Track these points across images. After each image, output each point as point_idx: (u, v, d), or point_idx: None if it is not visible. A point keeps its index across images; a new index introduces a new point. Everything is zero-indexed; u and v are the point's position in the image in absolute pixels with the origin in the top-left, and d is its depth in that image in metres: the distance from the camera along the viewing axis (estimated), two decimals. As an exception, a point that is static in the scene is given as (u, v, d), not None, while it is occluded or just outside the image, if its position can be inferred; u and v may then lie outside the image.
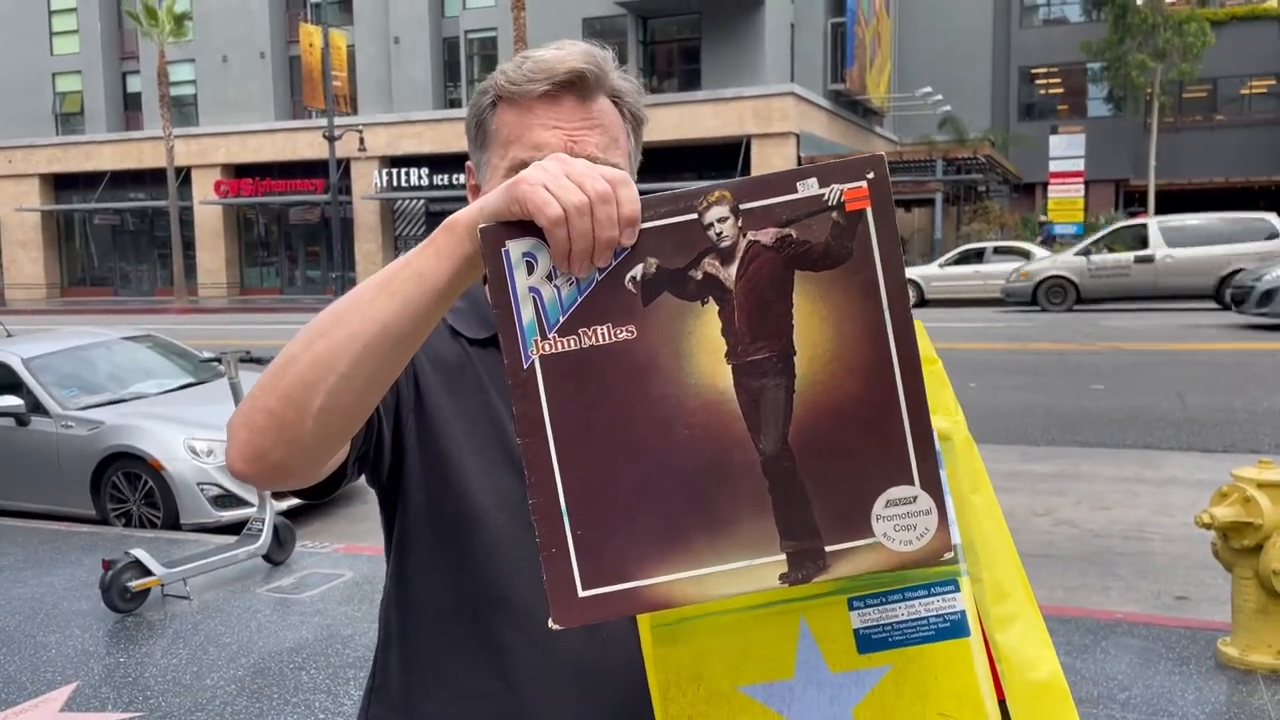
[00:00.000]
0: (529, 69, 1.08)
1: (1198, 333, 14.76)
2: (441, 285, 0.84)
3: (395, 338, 0.85)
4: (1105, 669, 3.84)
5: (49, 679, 4.15)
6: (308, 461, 0.89)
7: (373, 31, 33.18)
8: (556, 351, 0.80)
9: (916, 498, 0.80)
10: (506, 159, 1.09)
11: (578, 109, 1.08)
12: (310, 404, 0.85)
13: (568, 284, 0.80)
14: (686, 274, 0.80)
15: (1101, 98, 36.89)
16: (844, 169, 0.79)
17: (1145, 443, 7.97)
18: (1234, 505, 3.74)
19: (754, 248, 0.80)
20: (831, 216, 0.79)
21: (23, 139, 36.81)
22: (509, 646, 1.08)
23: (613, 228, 0.78)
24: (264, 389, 0.87)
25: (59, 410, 6.73)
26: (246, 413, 0.88)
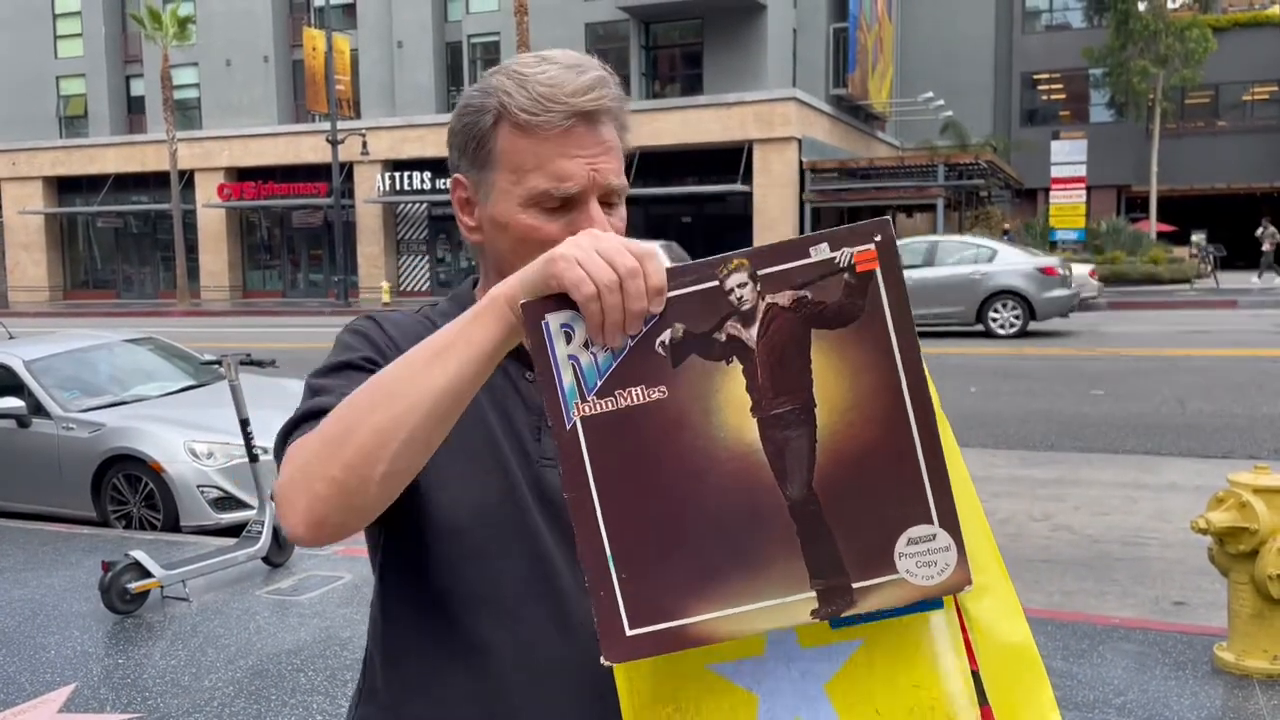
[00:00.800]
0: (541, 94, 1.07)
1: (1198, 338, 14.76)
2: (489, 352, 0.91)
3: (450, 402, 0.91)
4: (1102, 673, 3.85)
5: (48, 680, 4.16)
6: (365, 521, 0.95)
7: (376, 35, 33.25)
8: (596, 413, 0.87)
9: (935, 535, 0.87)
10: (523, 186, 1.09)
11: (590, 134, 1.09)
12: (374, 472, 0.90)
13: (603, 350, 0.87)
14: (711, 336, 0.87)
15: (1103, 103, 36.91)
16: (853, 234, 0.86)
17: (1144, 448, 7.98)
18: (1230, 510, 3.75)
19: (773, 309, 0.86)
20: (843, 278, 0.86)
21: (26, 142, 36.89)
22: (491, 646, 1.09)
23: (642, 300, 0.85)
24: (323, 458, 0.92)
25: (60, 412, 6.74)
26: (304, 481, 0.92)
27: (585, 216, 1.09)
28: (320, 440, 0.92)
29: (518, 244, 1.11)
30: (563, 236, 1.08)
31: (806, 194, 28.46)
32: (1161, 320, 18.11)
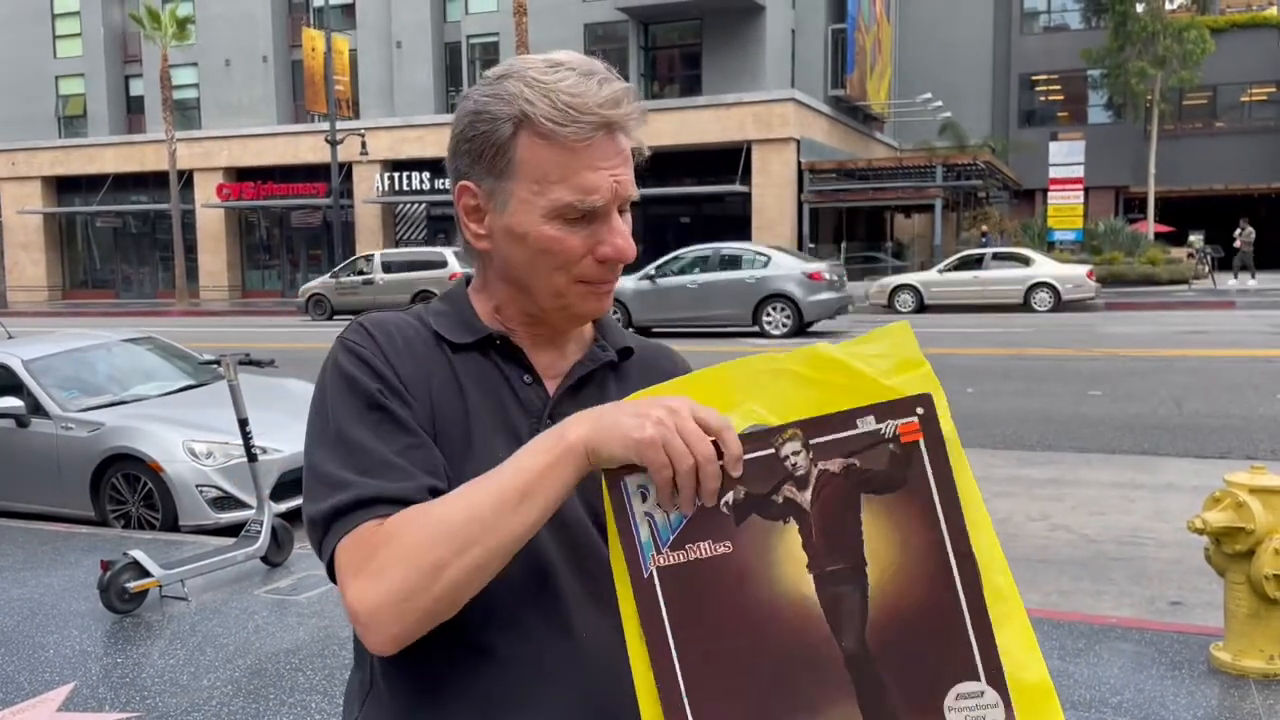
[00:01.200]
0: (567, 104, 1.06)
1: (1195, 339, 14.79)
2: (565, 495, 0.99)
3: (526, 537, 1.00)
4: (1098, 673, 3.86)
5: (47, 679, 4.16)
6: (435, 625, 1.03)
7: (375, 36, 33.26)
8: (669, 564, 0.95)
9: (983, 693, 0.92)
10: (546, 197, 1.08)
11: (610, 144, 1.09)
12: (462, 598, 0.99)
13: (675, 508, 0.95)
14: (770, 498, 0.93)
15: (1101, 104, 36.97)
16: (897, 407, 0.93)
17: (1142, 448, 8.00)
18: (1226, 510, 3.76)
19: (824, 476, 0.93)
20: (889, 448, 0.92)
21: (25, 141, 36.88)
22: (493, 648, 1.09)
23: (715, 482, 0.92)
24: (415, 586, 0.97)
25: (59, 412, 6.75)
26: (394, 609, 0.97)
27: (608, 228, 1.11)
28: (415, 568, 0.97)
29: (538, 255, 1.11)
30: (586, 249, 1.11)
31: (805, 194, 28.48)
32: (1159, 321, 18.14)
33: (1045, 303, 20.97)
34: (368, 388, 1.09)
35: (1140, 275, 24.90)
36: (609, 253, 1.11)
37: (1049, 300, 20.95)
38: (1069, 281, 21.08)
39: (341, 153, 29.05)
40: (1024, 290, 21.19)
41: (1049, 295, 20.97)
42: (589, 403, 1.17)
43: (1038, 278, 21.18)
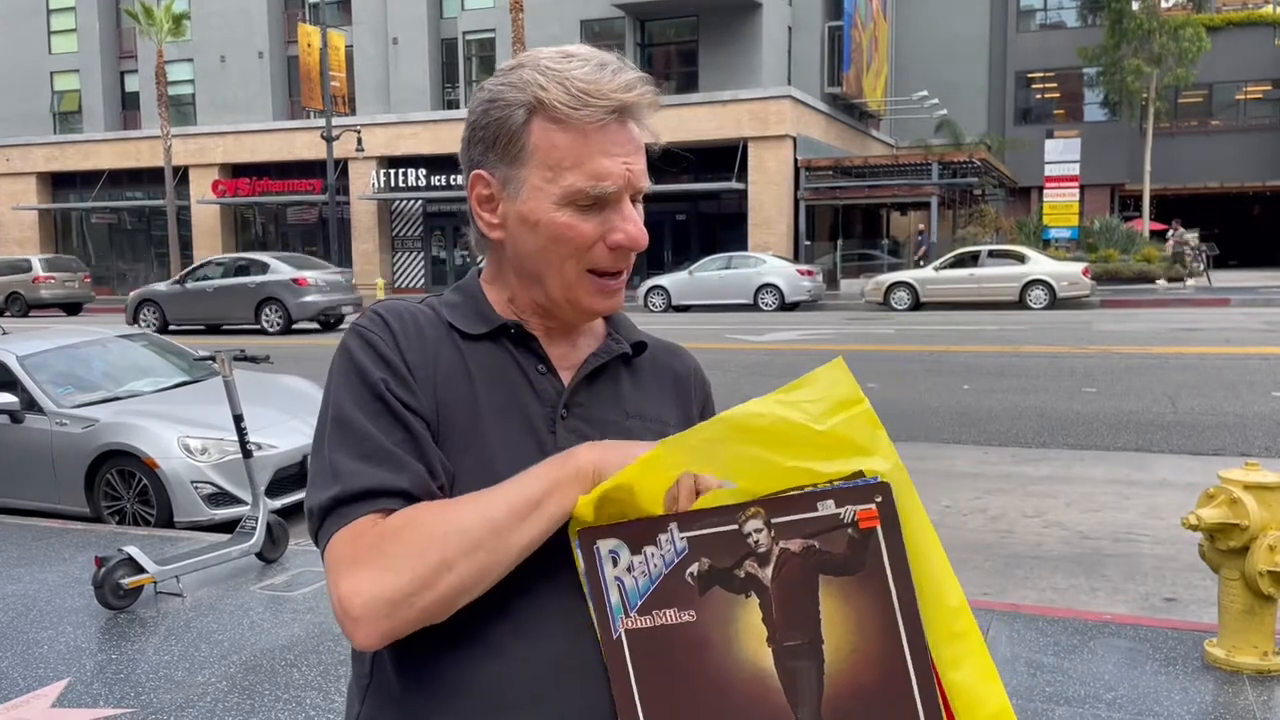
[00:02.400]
0: (582, 89, 1.07)
1: (1189, 336, 14.81)
2: (570, 511, 1.02)
3: (533, 548, 1.02)
4: (1092, 669, 3.87)
5: (41, 675, 4.16)
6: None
7: (371, 32, 33.20)
8: (637, 628, 1.00)
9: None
10: (558, 184, 1.09)
11: (623, 131, 1.10)
12: (458, 602, 1.00)
13: (643, 575, 0.99)
14: (732, 572, 0.97)
15: (1097, 102, 36.98)
16: (856, 493, 0.95)
17: (1136, 445, 8.01)
18: (1220, 507, 3.77)
19: (785, 554, 0.96)
20: (848, 533, 0.94)
21: (20, 137, 36.78)
22: (499, 642, 1.09)
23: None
24: (414, 585, 0.98)
25: (53, 408, 6.73)
26: (389, 607, 0.98)
27: (620, 215, 1.10)
28: (421, 567, 0.98)
29: (550, 243, 1.11)
30: (597, 235, 1.11)
31: (801, 192, 28.49)
32: (1154, 318, 18.17)
33: (1041, 300, 21.00)
34: (373, 378, 1.09)
35: (1135, 273, 24.93)
36: (621, 239, 1.11)
37: (1044, 298, 20.99)
38: (1064, 279, 21.12)
39: (337, 149, 29.01)
40: (1019, 287, 21.22)
41: (1044, 293, 21.00)
42: (603, 393, 1.18)
43: (1033, 275, 21.22)
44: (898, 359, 13.28)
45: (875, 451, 0.96)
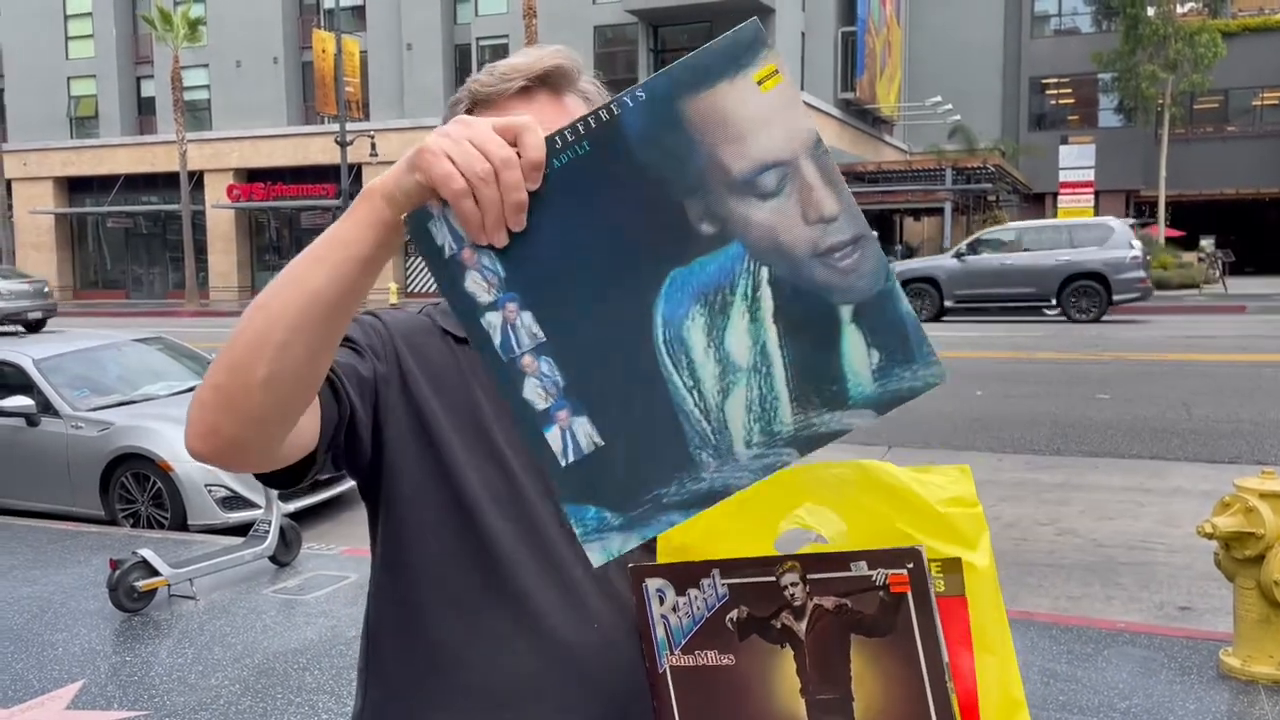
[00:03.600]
0: (501, 72, 1.13)
1: (1204, 343, 14.73)
2: (365, 252, 0.87)
3: (326, 304, 0.87)
4: (1106, 677, 3.84)
5: (56, 677, 4.18)
6: (260, 435, 0.92)
7: (385, 38, 33.33)
8: (681, 665, 1.02)
9: None
10: None
11: (552, 103, 1.12)
12: (255, 374, 0.87)
13: (687, 616, 1.00)
14: (769, 622, 0.99)
15: (1112, 108, 36.85)
16: (888, 557, 0.95)
17: (1151, 453, 7.96)
18: (1236, 515, 3.75)
19: (819, 610, 0.97)
20: (879, 595, 0.95)
21: (38, 142, 37.05)
22: (507, 635, 1.10)
23: (520, 190, 0.80)
24: (214, 367, 0.90)
25: (69, 411, 6.77)
26: (198, 392, 0.91)
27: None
28: (222, 350, 0.91)
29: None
30: None
31: (814, 197, 28.44)
32: (1169, 325, 18.07)
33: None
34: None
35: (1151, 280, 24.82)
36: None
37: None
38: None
39: (351, 154, 29.12)
40: (1034, 294, 21.10)
41: (1058, 299, 20.87)
42: None
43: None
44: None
45: (977, 547, 1.01)
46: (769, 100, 0.79)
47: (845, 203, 0.81)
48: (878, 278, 0.81)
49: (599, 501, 0.84)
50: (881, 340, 0.81)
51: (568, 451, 0.84)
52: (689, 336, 0.83)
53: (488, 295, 0.83)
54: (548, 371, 0.83)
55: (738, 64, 0.79)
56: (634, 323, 0.83)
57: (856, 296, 0.81)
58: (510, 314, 0.83)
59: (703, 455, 0.83)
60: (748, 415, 0.83)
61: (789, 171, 0.80)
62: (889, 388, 0.82)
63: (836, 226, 0.81)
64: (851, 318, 0.81)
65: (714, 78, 0.79)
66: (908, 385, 0.81)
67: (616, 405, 0.84)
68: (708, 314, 0.82)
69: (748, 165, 0.80)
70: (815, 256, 0.81)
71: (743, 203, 0.81)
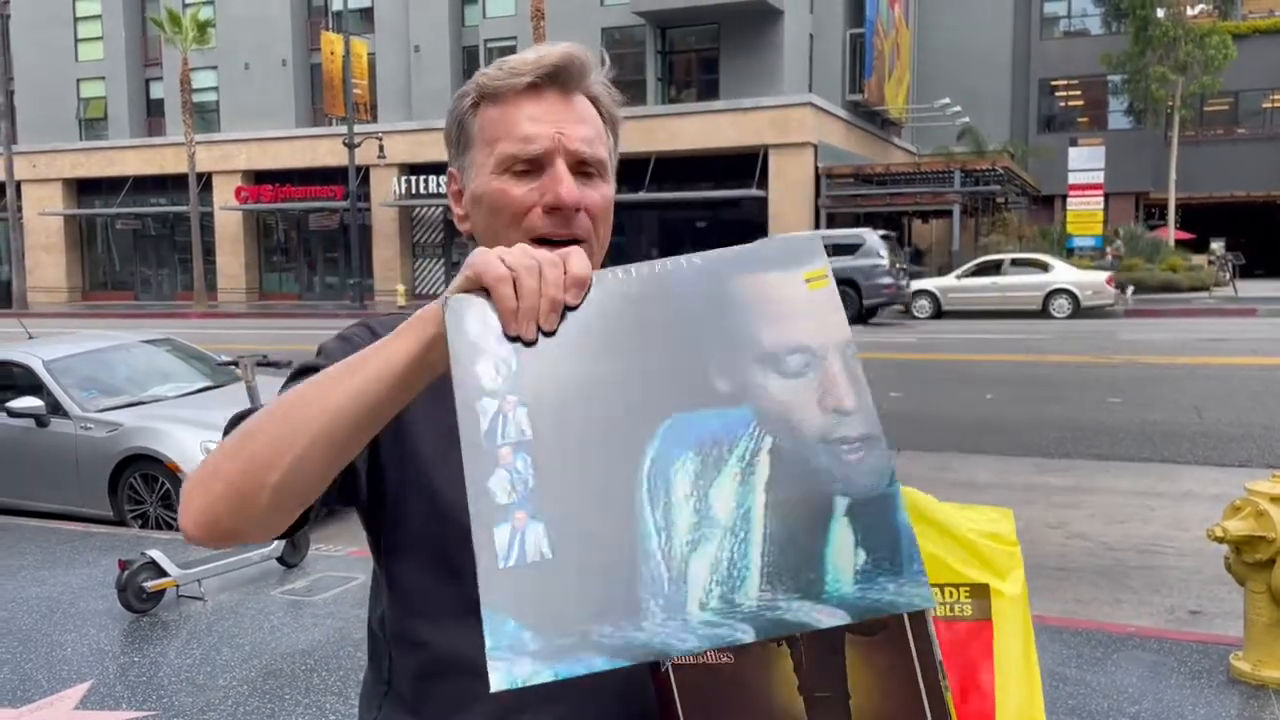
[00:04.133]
0: (510, 67, 1.11)
1: (1215, 346, 14.67)
2: (406, 364, 0.88)
3: (355, 415, 0.88)
4: (1116, 681, 3.83)
5: (64, 677, 4.19)
6: (259, 529, 0.93)
7: (393, 40, 33.40)
8: (682, 664, 1.01)
9: None
10: (494, 155, 1.11)
11: (560, 101, 1.11)
12: (268, 479, 0.88)
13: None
14: None
15: (1122, 110, 36.74)
16: None
17: (1161, 456, 7.93)
18: (1247, 519, 3.73)
19: None
20: None
21: (47, 144, 37.20)
22: None
23: (559, 288, 0.83)
24: (225, 456, 0.90)
25: (78, 412, 6.80)
26: (205, 479, 0.91)
27: (552, 178, 1.09)
28: (229, 441, 0.92)
29: (491, 215, 1.12)
30: (530, 200, 1.10)
31: (822, 199, 28.43)
32: (1179, 328, 18.01)
33: (1064, 309, 20.87)
34: (323, 361, 1.10)
35: (1160, 282, 24.75)
36: (550, 200, 1.09)
37: (1068, 306, 20.85)
38: (1088, 288, 20.98)
39: (359, 156, 29.19)
40: (1043, 296, 21.10)
41: (1068, 301, 20.87)
42: None
43: (1057, 284, 21.09)
44: (920, 367, 13.22)
45: (1008, 578, 1.04)
46: (813, 296, 0.84)
47: (864, 403, 0.82)
48: (882, 478, 0.80)
49: (523, 618, 0.78)
50: (872, 543, 0.79)
51: (510, 554, 0.79)
52: (674, 477, 0.81)
53: (492, 383, 0.83)
54: (521, 469, 0.81)
55: (793, 262, 0.85)
56: (623, 450, 0.81)
57: (856, 491, 0.80)
58: (508, 405, 0.82)
59: (651, 603, 0.78)
60: (711, 576, 0.79)
61: (815, 360, 0.83)
62: (869, 595, 0.78)
63: (850, 421, 0.81)
64: (846, 511, 0.80)
65: (768, 266, 0.85)
66: (888, 599, 0.78)
67: (578, 525, 0.80)
68: (699, 463, 0.81)
69: (779, 342, 0.83)
70: (823, 442, 0.81)
71: (764, 373, 0.83)
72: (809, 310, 0.84)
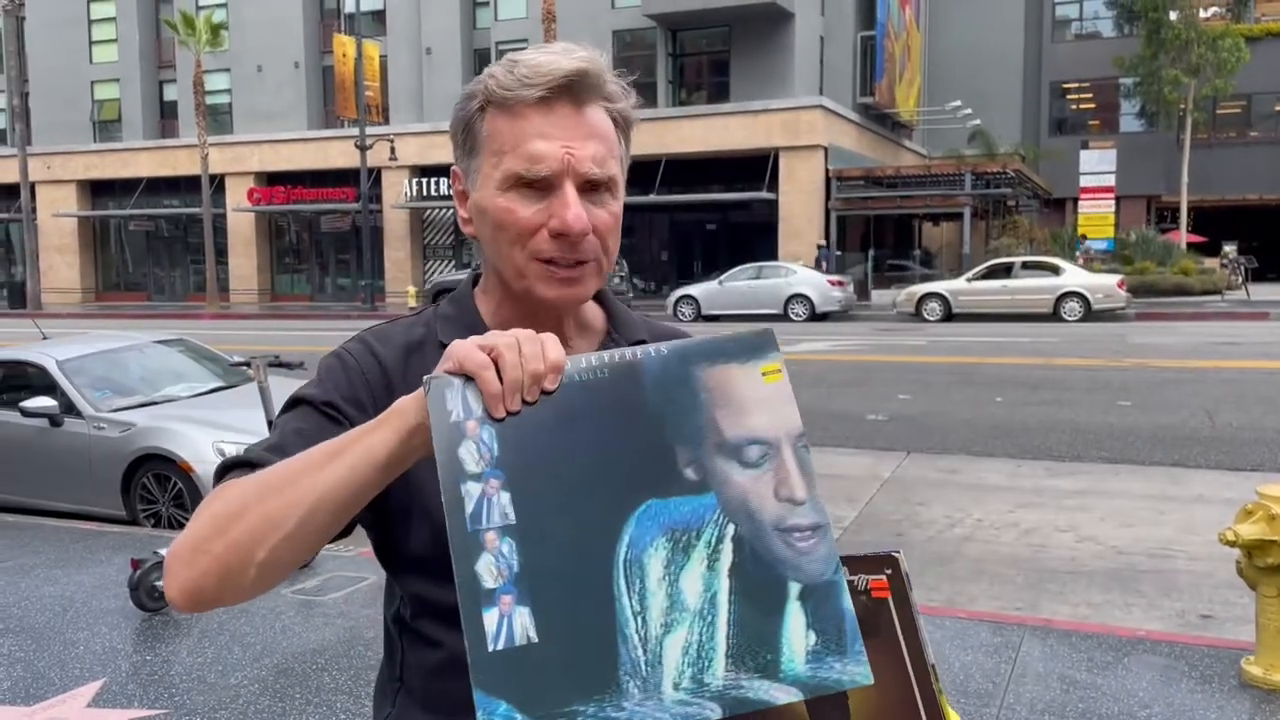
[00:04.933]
0: (521, 73, 1.06)
1: (1227, 350, 14.61)
2: (386, 455, 0.92)
3: (337, 502, 0.92)
4: (1126, 686, 3.82)
5: (77, 675, 4.22)
6: (243, 599, 0.97)
7: (405, 42, 33.50)
8: None
9: None
10: (500, 169, 1.08)
11: (572, 116, 1.07)
12: (254, 556, 0.92)
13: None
14: None
15: (1134, 113, 36.60)
16: (868, 562, 1.00)
17: (1172, 460, 7.90)
18: (1258, 523, 3.71)
19: None
20: (863, 599, 0.99)
21: (61, 146, 37.43)
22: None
23: (539, 362, 0.87)
24: (213, 534, 0.93)
25: (92, 412, 6.84)
26: (188, 553, 0.94)
27: (560, 202, 1.06)
28: (216, 516, 0.94)
29: (495, 230, 1.10)
30: (538, 222, 1.07)
31: (832, 202, 28.40)
32: (1191, 331, 17.94)
33: (1075, 312, 20.80)
34: (317, 394, 1.12)
35: (1172, 285, 24.65)
36: (556, 225, 1.07)
37: (1079, 310, 20.78)
38: (1099, 291, 20.91)
39: (371, 158, 29.28)
40: (1054, 300, 21.03)
41: (1079, 305, 20.80)
42: None
43: (1068, 287, 21.02)
44: (930, 370, 13.19)
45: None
46: (768, 390, 0.91)
47: (812, 494, 0.88)
48: (828, 566, 0.87)
49: (512, 698, 0.82)
50: (821, 626, 0.85)
51: (500, 637, 0.83)
52: (648, 563, 0.85)
53: (475, 466, 0.86)
54: (507, 553, 0.84)
55: (751, 355, 0.92)
56: (601, 535, 0.86)
57: (806, 578, 0.86)
58: (491, 488, 0.86)
59: (630, 684, 0.83)
60: (683, 658, 0.84)
61: (770, 451, 0.89)
62: (819, 674, 0.85)
63: (801, 511, 0.87)
64: (798, 595, 0.86)
65: (728, 358, 0.91)
66: (834, 677, 0.84)
67: (561, 608, 0.84)
68: (670, 548, 0.86)
69: (739, 434, 0.89)
70: (777, 530, 0.87)
71: (726, 464, 0.88)
72: (764, 402, 0.90)
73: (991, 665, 4.04)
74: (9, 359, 7.59)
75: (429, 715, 1.15)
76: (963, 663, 4.07)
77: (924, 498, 7.01)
